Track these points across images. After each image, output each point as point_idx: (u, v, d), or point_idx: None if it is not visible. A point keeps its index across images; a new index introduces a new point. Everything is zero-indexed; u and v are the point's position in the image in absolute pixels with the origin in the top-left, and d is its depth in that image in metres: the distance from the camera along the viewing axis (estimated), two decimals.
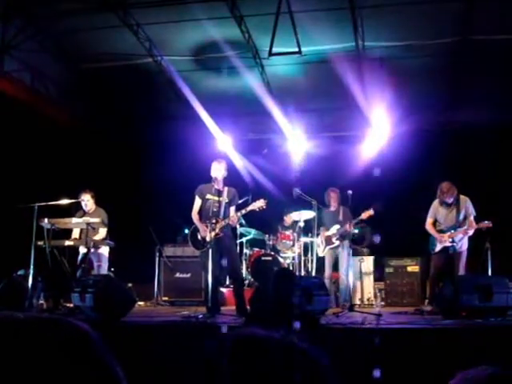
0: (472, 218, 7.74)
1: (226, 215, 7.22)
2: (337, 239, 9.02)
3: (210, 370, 1.15)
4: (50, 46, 9.82)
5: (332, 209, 9.29)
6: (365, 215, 8.66)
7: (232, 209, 7.35)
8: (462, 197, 7.82)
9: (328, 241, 9.16)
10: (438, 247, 7.78)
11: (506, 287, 6.16)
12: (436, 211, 7.94)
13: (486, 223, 7.59)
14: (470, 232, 7.67)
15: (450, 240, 7.65)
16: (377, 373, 3.43)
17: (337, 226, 9.04)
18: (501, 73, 9.93)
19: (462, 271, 7.67)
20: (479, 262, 8.27)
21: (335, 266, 9.29)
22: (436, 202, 7.96)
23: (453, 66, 9.85)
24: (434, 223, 7.96)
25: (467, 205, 7.79)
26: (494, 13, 8.49)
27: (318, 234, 9.65)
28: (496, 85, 10.24)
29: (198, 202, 7.43)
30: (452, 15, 8.70)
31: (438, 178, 8.01)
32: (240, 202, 8.13)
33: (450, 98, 10.66)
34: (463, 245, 7.75)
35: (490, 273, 8.08)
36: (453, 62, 9.75)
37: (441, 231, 7.83)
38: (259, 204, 7.10)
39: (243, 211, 7.20)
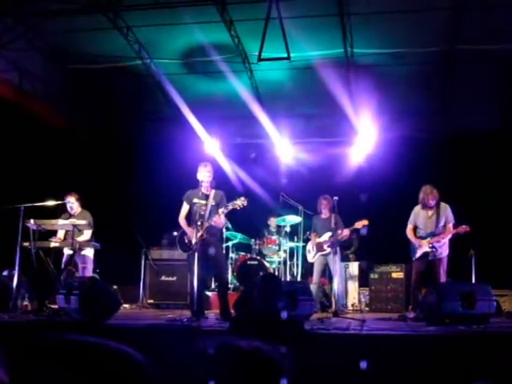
0: (451, 224, 7.77)
1: (212, 217, 7.21)
2: (328, 246, 9.03)
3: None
4: (38, 45, 9.78)
5: (324, 216, 9.29)
6: (358, 224, 8.71)
7: (220, 211, 7.32)
8: (442, 204, 7.84)
9: (319, 247, 9.18)
10: (418, 253, 7.80)
11: (489, 295, 6.21)
12: (417, 217, 7.94)
13: (464, 227, 7.60)
14: (447, 237, 7.70)
15: (430, 246, 7.67)
16: (363, 364, 3.42)
17: (329, 234, 9.05)
18: (487, 81, 10.05)
19: (443, 277, 7.70)
20: (463, 269, 8.33)
21: (323, 272, 9.32)
22: (417, 207, 7.95)
23: (440, 74, 9.93)
24: (415, 230, 7.98)
25: (447, 212, 7.82)
26: (481, 23, 8.59)
27: (306, 240, 9.68)
28: (482, 93, 10.35)
29: (185, 208, 7.42)
30: (440, 24, 8.80)
31: (424, 184, 8.02)
32: None
33: (437, 105, 10.74)
34: (443, 251, 7.78)
35: (473, 280, 8.14)
36: (440, 70, 9.84)
37: (420, 237, 7.86)
38: (239, 202, 7.07)
39: (224, 210, 7.15)
